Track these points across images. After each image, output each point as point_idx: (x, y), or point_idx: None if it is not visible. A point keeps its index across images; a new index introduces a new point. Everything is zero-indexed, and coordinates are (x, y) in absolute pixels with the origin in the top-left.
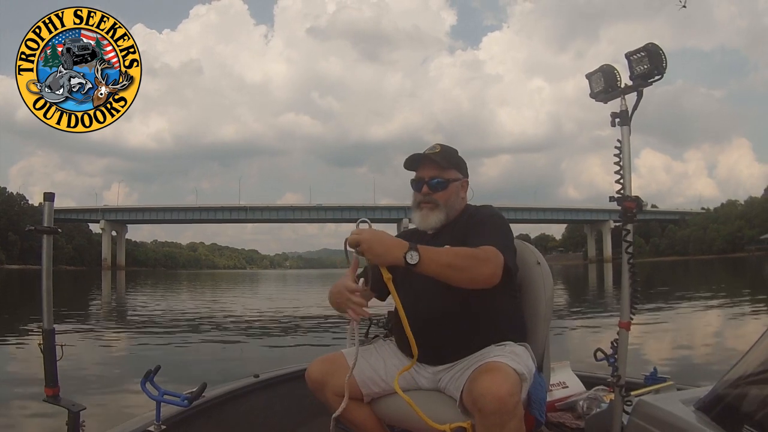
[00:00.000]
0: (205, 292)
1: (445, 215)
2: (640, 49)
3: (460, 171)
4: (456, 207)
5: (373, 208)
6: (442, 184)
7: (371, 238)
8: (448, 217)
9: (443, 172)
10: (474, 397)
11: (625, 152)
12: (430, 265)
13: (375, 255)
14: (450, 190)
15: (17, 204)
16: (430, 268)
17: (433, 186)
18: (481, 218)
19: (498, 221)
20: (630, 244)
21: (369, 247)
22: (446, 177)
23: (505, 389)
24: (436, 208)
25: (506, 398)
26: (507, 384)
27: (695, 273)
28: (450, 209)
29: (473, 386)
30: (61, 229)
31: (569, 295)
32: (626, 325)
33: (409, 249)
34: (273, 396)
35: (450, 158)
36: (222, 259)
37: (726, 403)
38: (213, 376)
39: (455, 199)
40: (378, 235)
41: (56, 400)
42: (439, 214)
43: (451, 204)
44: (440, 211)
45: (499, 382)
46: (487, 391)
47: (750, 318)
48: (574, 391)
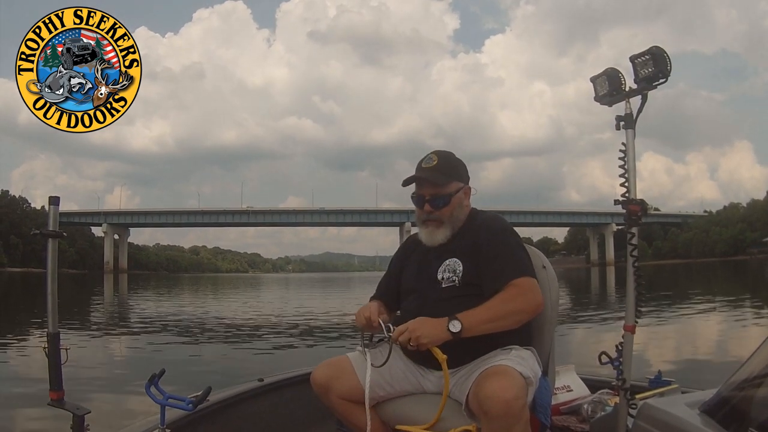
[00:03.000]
0: (208, 295)
1: (451, 229)
2: (644, 52)
3: (460, 179)
4: (461, 217)
5: (375, 211)
6: (444, 200)
7: (418, 326)
8: (454, 230)
9: (443, 188)
10: (480, 400)
11: (630, 155)
12: (472, 329)
13: (427, 339)
14: (453, 204)
15: (19, 207)
16: (476, 331)
17: (434, 204)
18: (495, 236)
19: (512, 238)
20: (635, 247)
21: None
22: (446, 192)
23: (511, 393)
24: (441, 225)
25: (512, 402)
26: (513, 387)
27: (698, 276)
28: (455, 222)
29: (479, 390)
30: (66, 233)
31: (573, 299)
32: (631, 328)
33: (450, 321)
34: (278, 400)
35: (448, 170)
36: (224, 263)
37: (731, 406)
38: (218, 379)
39: (459, 211)
40: (423, 322)
41: (61, 404)
42: (445, 231)
43: (455, 217)
44: (445, 227)
45: (505, 385)
46: (493, 394)
47: (753, 321)
48: (578, 394)
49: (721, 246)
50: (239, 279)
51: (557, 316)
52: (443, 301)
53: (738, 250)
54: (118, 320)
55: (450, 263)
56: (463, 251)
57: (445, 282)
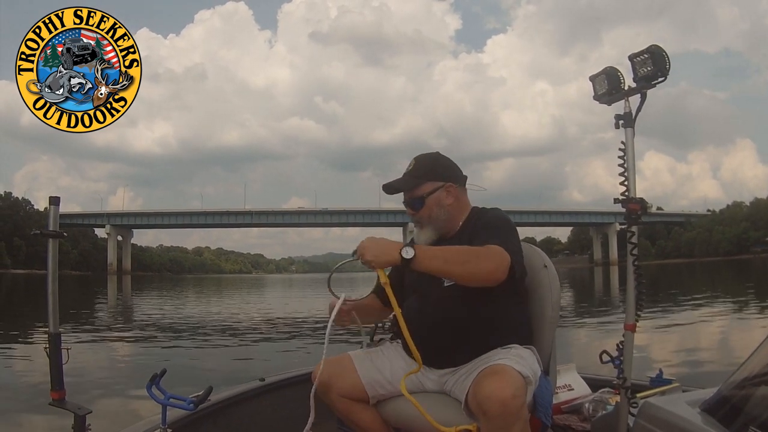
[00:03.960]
0: (211, 296)
1: (434, 229)
2: (643, 51)
3: (437, 179)
4: (442, 217)
5: (378, 212)
6: (418, 202)
7: (369, 243)
8: (440, 230)
9: (415, 190)
10: (478, 400)
11: (629, 154)
12: (426, 260)
13: (373, 256)
14: (429, 204)
15: (22, 209)
16: (428, 264)
17: (412, 206)
18: (487, 220)
19: (503, 223)
20: (635, 246)
21: (366, 251)
22: (419, 194)
23: (508, 392)
24: (423, 226)
25: (510, 401)
26: (511, 387)
27: (701, 275)
28: (436, 222)
29: (477, 389)
30: (66, 234)
31: (575, 298)
32: (632, 327)
33: (404, 246)
34: (279, 400)
35: (421, 172)
36: (228, 264)
37: (732, 405)
38: (219, 379)
39: (439, 210)
40: (375, 240)
41: (62, 404)
42: (427, 231)
43: (435, 216)
44: (427, 228)
45: (502, 384)
46: (491, 393)
47: (756, 320)
48: (579, 393)
49: (724, 245)
50: (243, 280)
51: (558, 315)
52: (445, 299)
53: (741, 249)
54: (120, 321)
55: None
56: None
57: (447, 281)
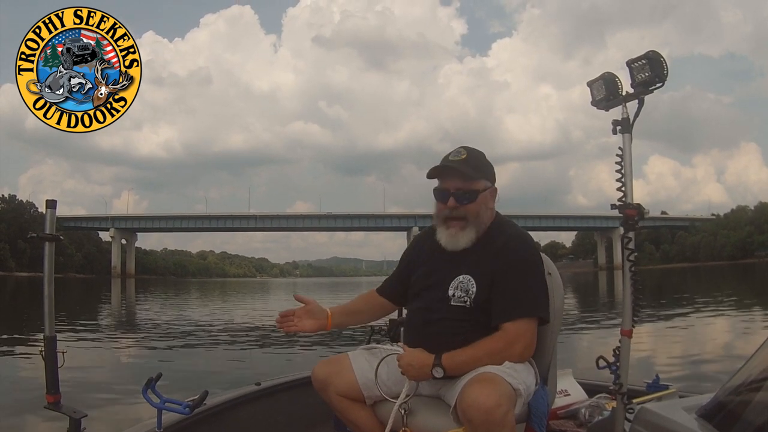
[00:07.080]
0: (215, 300)
1: (476, 232)
2: (641, 56)
3: (488, 178)
4: (485, 220)
5: (383, 216)
6: (470, 196)
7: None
8: (478, 233)
9: (471, 183)
10: (463, 407)
11: (626, 160)
12: (456, 372)
13: (412, 377)
14: (479, 201)
15: (27, 212)
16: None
17: (460, 198)
18: (514, 266)
19: (531, 268)
20: (632, 251)
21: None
22: (474, 188)
23: (492, 400)
24: (467, 226)
25: (493, 410)
26: (494, 395)
27: (705, 280)
28: (479, 224)
29: (464, 395)
30: (71, 237)
31: (577, 302)
32: (628, 332)
33: (434, 366)
34: (274, 404)
35: (478, 166)
36: (232, 268)
37: (728, 411)
38: (214, 383)
39: (484, 211)
40: (413, 360)
41: (57, 407)
42: (469, 233)
43: (480, 217)
44: (470, 229)
45: (486, 393)
46: (474, 402)
47: (757, 325)
48: (576, 398)
49: (729, 249)
50: (247, 284)
51: (560, 323)
52: (450, 320)
53: (746, 253)
54: (120, 324)
55: (463, 280)
56: (480, 268)
57: (455, 300)
